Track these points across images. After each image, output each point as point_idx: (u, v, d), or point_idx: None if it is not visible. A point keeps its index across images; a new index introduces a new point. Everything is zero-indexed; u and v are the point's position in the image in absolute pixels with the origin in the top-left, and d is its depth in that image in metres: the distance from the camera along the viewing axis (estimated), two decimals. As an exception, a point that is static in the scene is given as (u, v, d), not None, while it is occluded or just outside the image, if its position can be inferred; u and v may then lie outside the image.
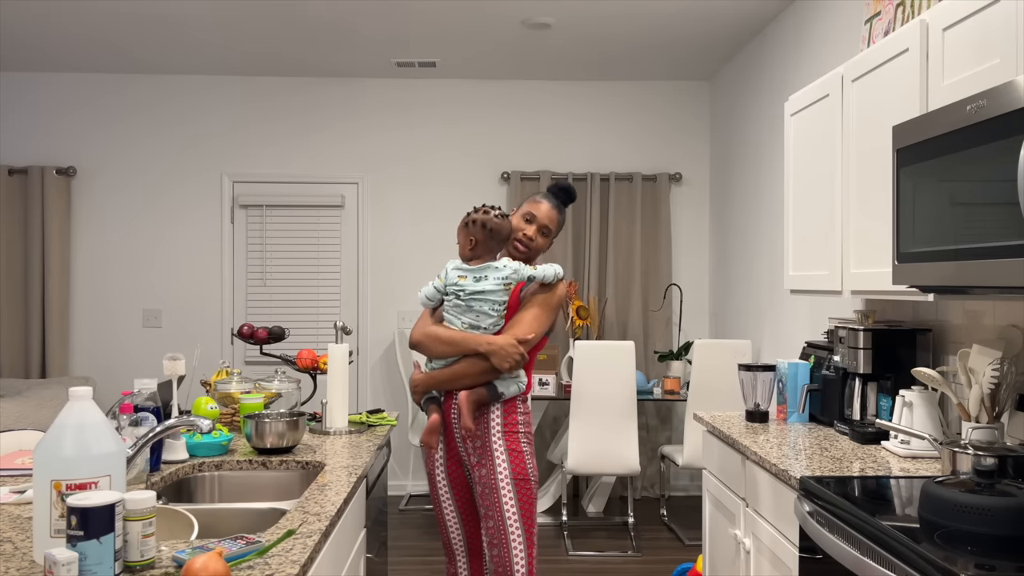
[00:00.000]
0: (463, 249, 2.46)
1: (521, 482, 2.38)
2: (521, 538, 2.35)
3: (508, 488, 2.36)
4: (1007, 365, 2.14)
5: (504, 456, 2.39)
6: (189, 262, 5.58)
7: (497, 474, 2.37)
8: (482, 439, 2.42)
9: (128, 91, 5.57)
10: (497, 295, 2.42)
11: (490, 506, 2.37)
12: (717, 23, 4.50)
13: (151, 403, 2.14)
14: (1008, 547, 1.49)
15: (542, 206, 2.54)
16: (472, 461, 2.44)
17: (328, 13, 4.33)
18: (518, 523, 2.35)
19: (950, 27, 2.01)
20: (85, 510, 1.27)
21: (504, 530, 2.34)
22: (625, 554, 4.39)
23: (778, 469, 2.24)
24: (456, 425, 2.46)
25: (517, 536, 2.34)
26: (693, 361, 4.42)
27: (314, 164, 5.63)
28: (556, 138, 5.67)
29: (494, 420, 2.42)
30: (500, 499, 2.36)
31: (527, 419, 2.47)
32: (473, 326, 2.42)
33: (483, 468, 2.40)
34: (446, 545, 2.56)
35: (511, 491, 2.36)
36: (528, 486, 2.39)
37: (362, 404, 5.65)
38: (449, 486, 2.52)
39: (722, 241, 5.38)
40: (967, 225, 1.72)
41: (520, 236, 2.52)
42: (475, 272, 2.43)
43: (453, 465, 2.52)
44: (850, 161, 2.58)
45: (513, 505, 2.36)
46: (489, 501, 2.37)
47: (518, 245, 2.53)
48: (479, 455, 2.42)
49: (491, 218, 2.42)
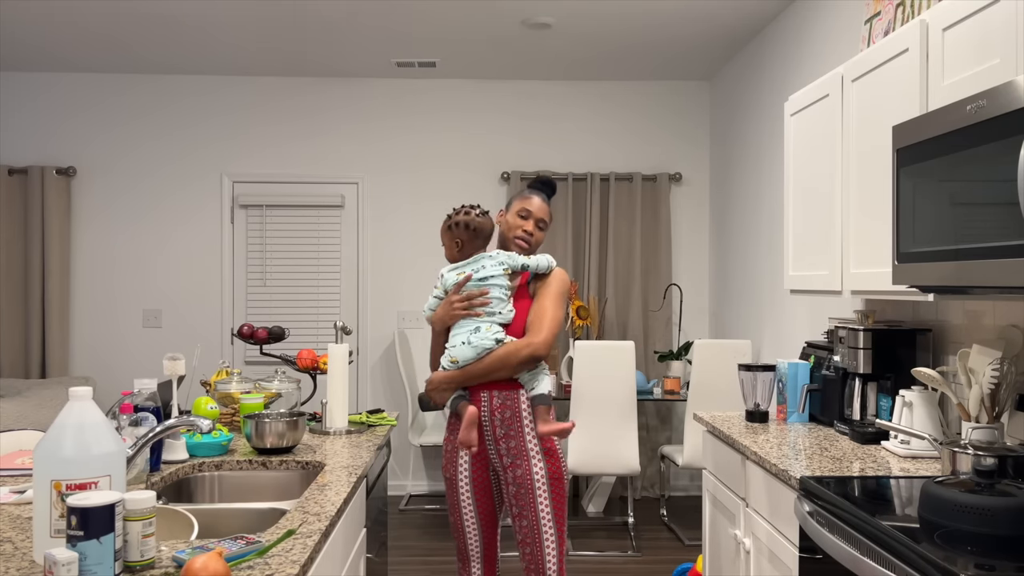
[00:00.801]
0: (450, 252, 2.49)
1: (556, 481, 2.41)
2: (554, 538, 2.39)
3: (544, 488, 2.39)
4: (1007, 365, 2.14)
5: (540, 456, 2.40)
6: (189, 262, 5.58)
7: (533, 474, 2.39)
8: (516, 439, 2.41)
9: (128, 91, 5.57)
10: (501, 279, 2.43)
11: (525, 506, 2.39)
12: (717, 23, 4.50)
13: (151, 403, 2.14)
14: (1008, 547, 1.49)
15: (534, 200, 2.56)
16: (505, 462, 2.43)
17: (328, 13, 4.33)
18: (551, 523, 2.39)
19: (950, 27, 2.01)
20: (85, 510, 1.27)
21: (538, 529, 2.37)
22: (625, 554, 4.39)
23: (778, 469, 2.24)
24: (487, 425, 2.44)
25: (550, 535, 2.38)
26: (693, 361, 4.42)
27: (314, 164, 5.63)
28: (556, 138, 5.67)
29: (526, 418, 2.42)
30: (535, 499, 2.38)
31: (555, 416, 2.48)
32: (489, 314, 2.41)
33: (518, 468, 2.40)
34: (461, 551, 2.52)
35: (546, 491, 2.39)
36: (561, 486, 2.42)
37: (362, 404, 5.65)
38: (472, 492, 2.49)
39: (722, 241, 5.38)
40: (967, 225, 1.72)
41: (519, 233, 2.54)
42: (471, 264, 2.45)
43: (479, 470, 2.49)
44: (850, 161, 2.57)
45: (547, 505, 2.39)
46: (524, 501, 2.39)
47: (519, 242, 2.54)
48: (513, 455, 2.41)
49: (472, 218, 2.46)
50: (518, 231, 2.54)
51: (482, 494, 2.49)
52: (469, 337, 2.38)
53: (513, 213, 2.57)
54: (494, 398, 2.43)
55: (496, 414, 2.43)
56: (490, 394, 2.43)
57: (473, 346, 2.38)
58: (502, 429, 2.42)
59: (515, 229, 2.55)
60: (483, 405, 2.44)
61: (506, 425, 2.42)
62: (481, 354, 2.38)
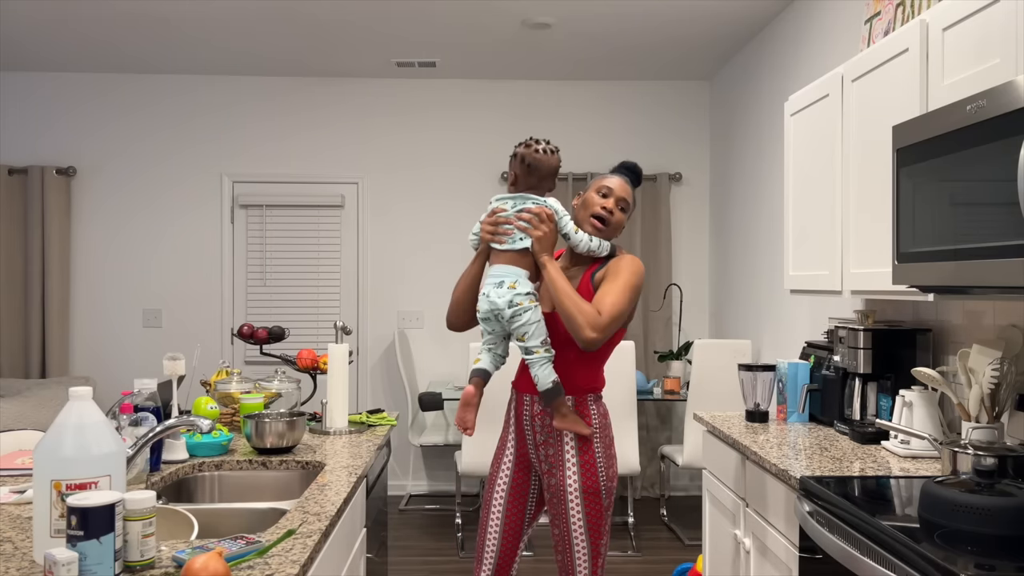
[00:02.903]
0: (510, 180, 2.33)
1: (591, 495, 2.24)
2: (586, 548, 2.25)
3: (576, 500, 2.24)
4: (1007, 365, 2.14)
5: (576, 467, 2.24)
6: (189, 262, 5.58)
7: (567, 486, 2.25)
8: (555, 446, 2.27)
9: (128, 91, 5.57)
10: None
11: (556, 515, 2.27)
12: (717, 23, 4.50)
13: (151, 403, 2.14)
14: (1008, 547, 1.49)
15: (616, 179, 2.33)
16: (543, 468, 2.31)
17: (328, 13, 4.33)
18: (584, 534, 2.25)
19: (950, 27, 2.01)
20: (85, 510, 1.27)
21: (568, 539, 2.26)
22: (625, 554, 4.39)
23: (778, 469, 2.24)
24: (528, 430, 2.33)
25: (582, 546, 2.25)
26: (693, 361, 4.41)
27: (314, 164, 5.63)
28: (556, 138, 5.67)
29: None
30: (567, 510, 2.25)
31: (603, 419, 2.30)
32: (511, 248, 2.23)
33: (553, 477, 2.27)
34: (479, 547, 2.41)
35: (579, 504, 2.24)
36: (597, 499, 2.25)
37: (362, 404, 5.65)
38: (507, 494, 2.37)
39: (722, 241, 5.38)
40: (967, 225, 1.72)
41: (597, 210, 2.28)
42: (516, 199, 2.26)
43: (520, 473, 2.37)
44: (850, 161, 2.57)
45: (580, 518, 2.24)
46: (556, 511, 2.27)
47: (595, 221, 2.28)
48: (551, 463, 2.28)
49: (531, 152, 2.25)
50: (596, 208, 2.28)
51: (516, 500, 2.37)
52: (489, 290, 2.23)
53: (592, 190, 2.33)
54: (535, 403, 2.31)
55: (536, 420, 2.30)
56: (532, 399, 2.31)
57: (490, 300, 2.21)
58: (542, 435, 2.30)
59: (593, 206, 2.29)
60: (525, 409, 2.34)
61: (545, 432, 2.28)
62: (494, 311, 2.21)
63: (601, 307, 2.16)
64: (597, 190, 2.32)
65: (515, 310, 2.20)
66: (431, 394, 4.62)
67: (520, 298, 2.20)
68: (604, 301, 2.17)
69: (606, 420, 2.31)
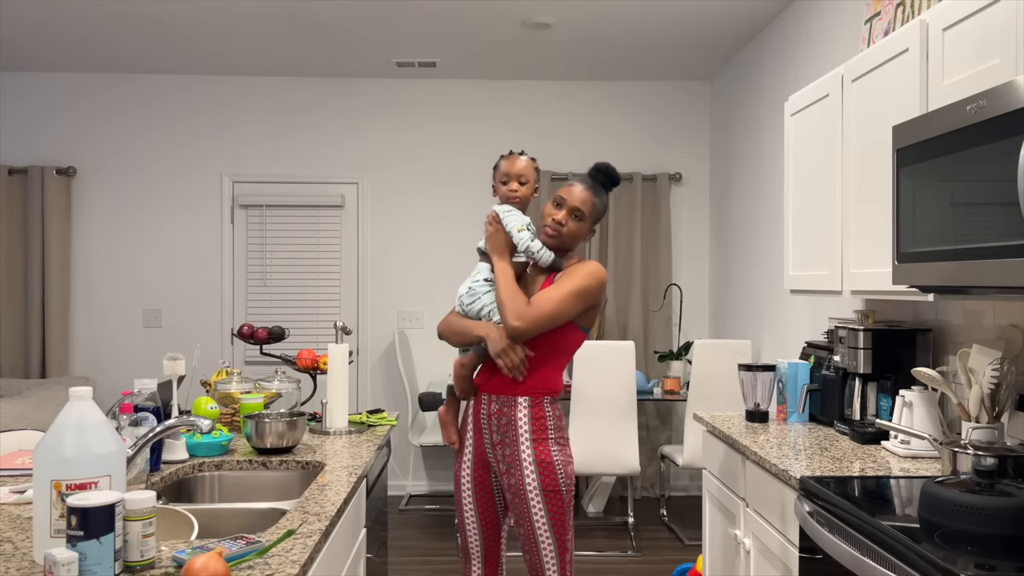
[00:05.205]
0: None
1: (550, 494, 2.28)
2: (552, 546, 2.29)
3: (537, 500, 2.28)
4: (1007, 365, 2.14)
5: (533, 468, 2.28)
6: (189, 262, 5.58)
7: (526, 486, 2.28)
8: (511, 446, 2.31)
9: (128, 91, 5.57)
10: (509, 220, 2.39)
11: (520, 515, 2.31)
12: (717, 23, 4.50)
13: (151, 403, 2.14)
14: (1008, 547, 1.49)
15: (574, 188, 2.35)
16: (501, 468, 2.35)
17: (328, 13, 4.33)
18: (548, 532, 2.29)
19: (950, 27, 2.01)
20: (85, 510, 1.27)
21: (534, 539, 2.29)
22: (625, 554, 4.39)
23: (778, 469, 2.24)
24: (486, 429, 2.38)
25: (548, 545, 2.29)
26: (693, 361, 4.42)
27: (314, 164, 5.63)
28: (556, 138, 5.67)
29: (522, 427, 2.31)
30: (529, 510, 2.28)
31: (558, 421, 2.35)
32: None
33: (512, 478, 2.31)
34: (463, 547, 2.48)
35: (540, 502, 2.28)
36: (558, 497, 2.29)
37: (362, 404, 5.65)
38: (473, 491, 2.43)
39: (722, 241, 5.38)
40: (967, 225, 1.72)
41: (547, 221, 2.35)
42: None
43: (480, 470, 2.42)
44: (850, 161, 2.57)
45: (543, 516, 2.28)
46: (519, 510, 2.31)
47: (548, 231, 2.35)
48: (508, 463, 2.32)
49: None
50: (547, 218, 2.35)
51: (483, 494, 2.43)
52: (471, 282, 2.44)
53: (550, 200, 2.38)
54: (492, 403, 2.36)
55: (493, 419, 2.35)
56: (489, 398, 2.37)
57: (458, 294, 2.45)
58: (498, 435, 2.34)
59: (544, 218, 2.37)
60: (482, 408, 2.39)
61: (501, 432, 2.33)
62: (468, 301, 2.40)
63: (534, 301, 2.27)
64: (553, 199, 2.40)
65: (473, 296, 2.40)
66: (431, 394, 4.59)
67: (478, 285, 2.40)
68: (540, 297, 2.28)
69: (560, 422, 2.37)
